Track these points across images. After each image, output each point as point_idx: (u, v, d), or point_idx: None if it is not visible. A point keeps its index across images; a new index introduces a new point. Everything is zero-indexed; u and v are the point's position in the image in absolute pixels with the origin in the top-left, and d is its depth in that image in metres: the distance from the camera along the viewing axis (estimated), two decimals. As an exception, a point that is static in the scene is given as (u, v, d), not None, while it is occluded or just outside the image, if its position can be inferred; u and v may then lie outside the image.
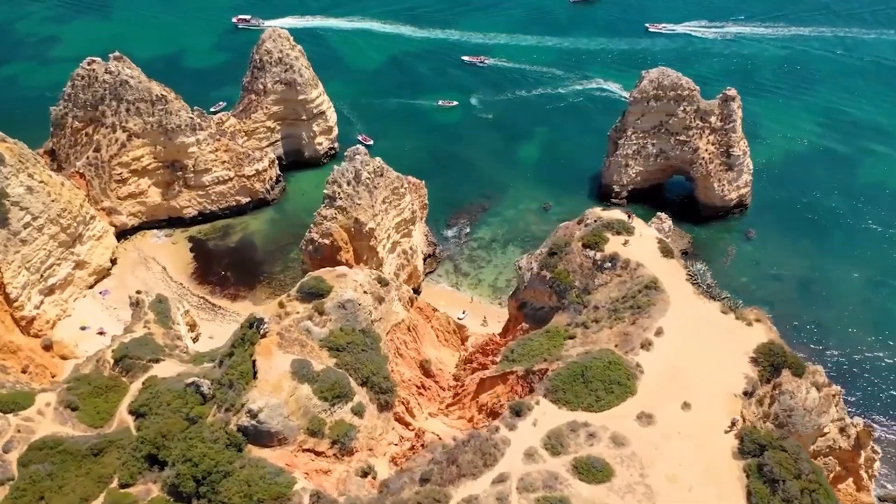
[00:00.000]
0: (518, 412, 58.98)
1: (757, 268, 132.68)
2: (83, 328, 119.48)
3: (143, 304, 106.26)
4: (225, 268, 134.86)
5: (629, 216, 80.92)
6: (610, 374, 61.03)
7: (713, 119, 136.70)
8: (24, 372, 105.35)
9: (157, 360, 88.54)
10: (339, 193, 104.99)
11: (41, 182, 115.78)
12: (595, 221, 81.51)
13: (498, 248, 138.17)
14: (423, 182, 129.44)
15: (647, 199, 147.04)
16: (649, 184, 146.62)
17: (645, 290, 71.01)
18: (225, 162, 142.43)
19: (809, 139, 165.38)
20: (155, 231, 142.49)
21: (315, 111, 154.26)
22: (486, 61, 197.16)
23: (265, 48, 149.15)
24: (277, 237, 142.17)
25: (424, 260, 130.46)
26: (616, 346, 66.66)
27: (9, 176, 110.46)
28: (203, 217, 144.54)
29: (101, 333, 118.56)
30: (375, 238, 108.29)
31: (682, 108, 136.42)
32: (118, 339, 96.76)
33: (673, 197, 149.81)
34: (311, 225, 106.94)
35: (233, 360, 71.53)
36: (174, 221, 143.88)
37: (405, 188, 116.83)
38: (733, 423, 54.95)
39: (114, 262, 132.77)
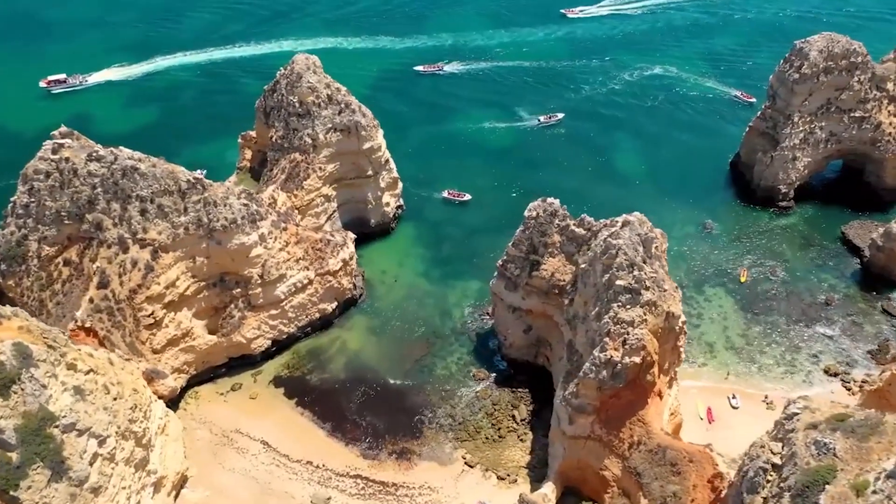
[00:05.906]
0: None
1: None
2: None
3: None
4: (359, 417, 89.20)
5: None
6: None
7: (890, 86, 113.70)
8: None
9: None
10: (644, 282, 66.30)
11: (90, 371, 64.70)
12: None
13: (695, 293, 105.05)
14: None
15: (807, 196, 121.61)
16: (811, 176, 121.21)
17: None
18: (300, 259, 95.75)
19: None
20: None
21: (382, 160, 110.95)
22: (444, 68, 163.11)
23: (308, 85, 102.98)
24: (398, 351, 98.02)
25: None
26: None
27: (47, 381, 59.12)
28: (277, 346, 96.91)
29: None
30: (685, 332, 71.11)
31: (856, 78, 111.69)
32: None
33: (825, 186, 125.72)
34: (605, 340, 66.56)
35: None
36: (235, 363, 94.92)
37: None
38: None
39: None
